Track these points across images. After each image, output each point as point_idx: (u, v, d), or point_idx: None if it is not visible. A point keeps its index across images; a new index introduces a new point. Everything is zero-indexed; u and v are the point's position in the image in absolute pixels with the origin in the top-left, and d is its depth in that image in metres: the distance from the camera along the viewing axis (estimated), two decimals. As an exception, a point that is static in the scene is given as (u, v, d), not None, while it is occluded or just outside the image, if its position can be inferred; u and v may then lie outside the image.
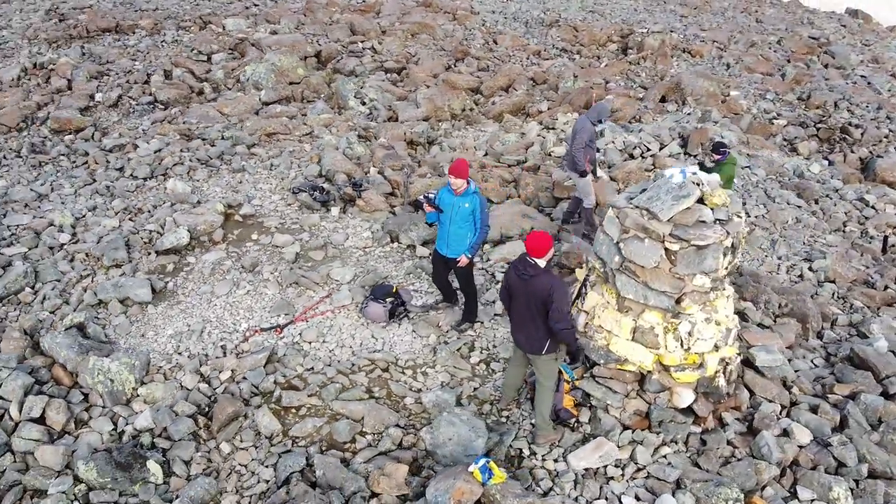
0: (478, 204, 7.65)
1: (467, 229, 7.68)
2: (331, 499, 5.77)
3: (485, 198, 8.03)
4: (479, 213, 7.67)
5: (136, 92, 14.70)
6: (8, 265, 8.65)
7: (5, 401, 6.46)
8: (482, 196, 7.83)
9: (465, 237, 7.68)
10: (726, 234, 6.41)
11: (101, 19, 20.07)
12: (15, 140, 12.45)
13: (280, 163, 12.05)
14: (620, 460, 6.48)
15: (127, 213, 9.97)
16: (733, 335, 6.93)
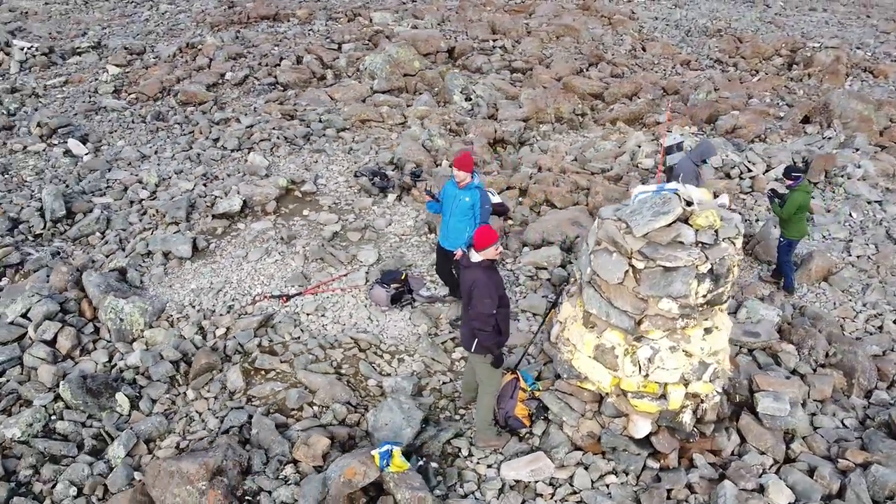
0: (478, 199, 7.59)
1: (466, 223, 7.64)
2: (251, 456, 6.09)
3: (488, 194, 7.92)
4: (479, 208, 7.60)
5: (262, 73, 16.01)
6: (89, 211, 9.93)
7: (28, 321, 7.49)
8: (485, 191, 7.74)
9: (463, 231, 7.64)
10: (704, 258, 5.84)
11: (264, 7, 22.00)
12: (147, 108, 14.13)
13: (360, 148, 12.60)
14: (557, 479, 6.18)
15: (203, 179, 10.99)
16: (712, 371, 6.29)
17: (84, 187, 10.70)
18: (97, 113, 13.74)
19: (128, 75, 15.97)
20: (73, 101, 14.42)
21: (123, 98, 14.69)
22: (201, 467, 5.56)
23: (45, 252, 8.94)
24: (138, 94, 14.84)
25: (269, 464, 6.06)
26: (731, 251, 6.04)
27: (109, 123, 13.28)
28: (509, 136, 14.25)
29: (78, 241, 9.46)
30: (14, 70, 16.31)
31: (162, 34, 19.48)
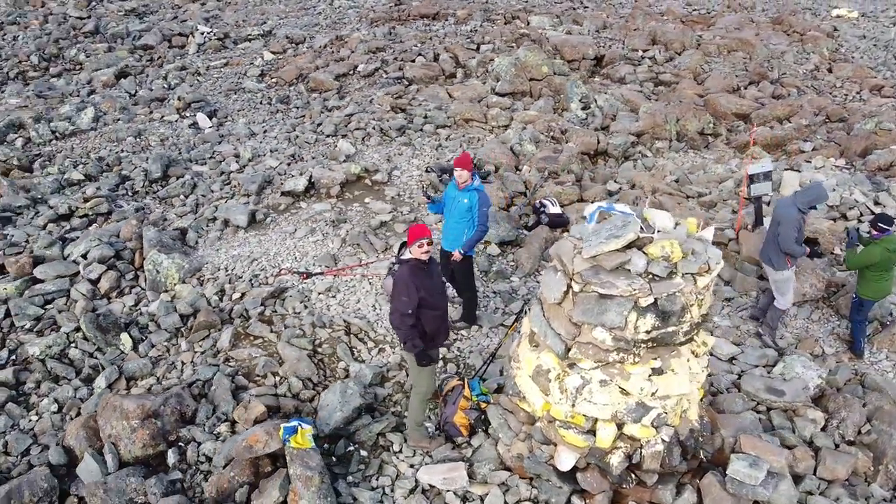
0: (476, 201, 7.50)
1: (464, 225, 7.59)
2: (198, 409, 6.63)
3: (488, 197, 7.77)
4: (477, 210, 7.50)
5: (393, 67, 16.78)
6: (182, 176, 11.19)
7: (83, 260, 8.69)
8: (485, 195, 7.61)
9: (461, 233, 7.61)
10: (647, 290, 5.35)
11: (427, 6, 22.96)
12: (279, 92, 15.48)
13: (448, 145, 12.82)
14: (471, 494, 6.01)
15: (289, 159, 11.88)
16: (655, 416, 5.73)
17: (191, 155, 12.06)
18: (235, 93, 15.31)
19: (279, 61, 17.55)
20: (224, 82, 16.19)
21: (264, 82, 16.19)
22: (138, 407, 6.18)
23: (132, 206, 10.25)
24: (278, 79, 16.28)
25: (210, 419, 6.53)
26: (687, 288, 5.45)
27: (241, 103, 14.75)
28: (613, 149, 13.64)
29: (164, 200, 10.73)
30: (192, 51, 18.65)
31: (325, 26, 21.09)
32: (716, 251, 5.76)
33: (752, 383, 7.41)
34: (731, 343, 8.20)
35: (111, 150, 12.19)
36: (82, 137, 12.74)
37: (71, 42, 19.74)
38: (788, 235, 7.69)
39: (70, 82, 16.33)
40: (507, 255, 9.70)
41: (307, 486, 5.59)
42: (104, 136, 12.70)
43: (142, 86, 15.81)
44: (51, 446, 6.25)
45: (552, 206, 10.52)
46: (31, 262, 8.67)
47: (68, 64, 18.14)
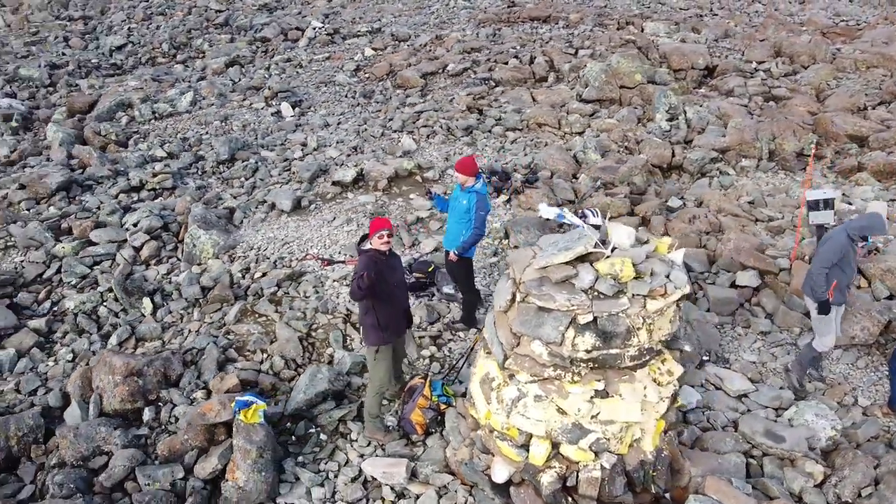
0: (473, 202, 7.44)
1: (462, 226, 7.58)
2: (183, 373, 7.11)
3: (486, 201, 7.65)
4: (474, 213, 7.45)
5: (483, 68, 16.85)
6: (247, 160, 11.92)
7: (133, 228, 9.52)
8: (483, 198, 7.53)
9: (458, 233, 7.60)
10: (587, 308, 5.13)
11: (540, 9, 22.82)
12: (367, 86, 16.03)
13: (512, 148, 12.74)
14: (407, 492, 6.04)
15: (349, 150, 12.30)
16: (594, 440, 5.46)
17: (264, 141, 12.81)
18: (326, 85, 16.04)
19: (376, 58, 18.15)
20: (320, 75, 16.99)
21: (356, 76, 16.81)
22: (124, 365, 6.73)
23: (194, 184, 11.07)
24: (370, 74, 16.86)
25: (191, 385, 6.98)
26: (633, 310, 5.15)
27: (328, 95, 15.43)
28: (689, 164, 12.92)
29: (226, 181, 11.48)
30: (302, 45, 19.71)
31: (432, 25, 21.51)
32: (681, 275, 5.40)
33: (751, 424, 6.82)
34: (746, 379, 7.57)
35: (197, 131, 13.21)
36: (177, 119, 13.89)
37: (201, 32, 21.50)
38: (824, 259, 6.87)
39: (188, 69, 17.80)
40: (533, 263, 9.47)
41: (245, 458, 5.85)
42: (195, 119, 13.77)
43: (245, 75, 16.93)
44: (53, 390, 6.94)
45: (592, 216, 10.11)
46: (93, 227, 9.61)
47: (193, 52, 19.78)
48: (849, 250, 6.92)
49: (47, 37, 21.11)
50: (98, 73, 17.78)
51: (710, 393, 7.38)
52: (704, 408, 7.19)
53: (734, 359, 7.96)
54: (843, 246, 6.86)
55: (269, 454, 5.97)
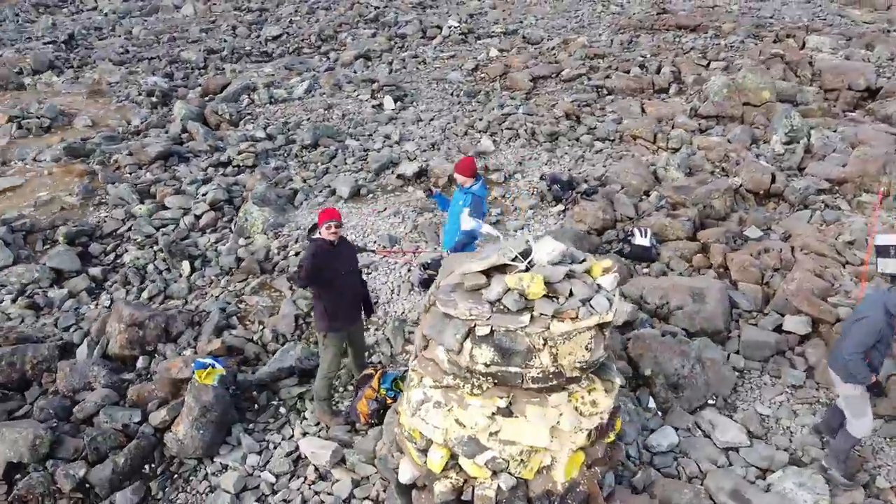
0: (468, 204, 7.38)
1: (457, 227, 7.54)
2: (183, 332, 7.78)
3: (481, 204, 7.50)
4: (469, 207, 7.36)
5: (599, 76, 16.33)
6: (328, 146, 12.59)
7: (200, 198, 10.49)
8: (478, 200, 7.40)
9: (454, 233, 7.57)
10: (485, 320, 5.01)
11: (690, 18, 21.61)
12: (476, 86, 16.17)
13: (592, 158, 12.31)
14: (329, 474, 6.22)
15: (427, 146, 12.55)
16: (490, 458, 5.27)
17: (354, 131, 13.44)
18: (438, 83, 16.40)
19: (498, 58, 18.21)
20: (438, 72, 17.40)
21: (472, 76, 17.00)
22: (129, 315, 7.52)
23: (272, 164, 11.93)
24: (485, 75, 16.98)
25: (185, 343, 7.64)
26: (534, 329, 4.92)
27: (435, 92, 15.79)
28: (791, 193, 11.67)
29: (304, 164, 12.22)
30: (435, 43, 20.26)
31: (569, 29, 21.12)
32: (603, 301, 5.04)
33: (719, 480, 6.21)
34: (744, 432, 6.82)
35: (300, 117, 14.15)
36: (289, 105, 14.96)
37: (350, 27, 22.82)
38: (858, 342, 5.72)
39: (323, 60, 19.03)
40: (560, 276, 9.14)
41: (188, 414, 6.33)
42: (303, 106, 14.76)
43: (368, 68, 17.77)
44: (80, 329, 7.92)
45: (641, 236, 9.57)
46: (172, 193, 10.73)
47: (336, 45, 21.08)
48: (886, 329, 5.72)
49: (220, 25, 23.54)
50: (247, 59, 19.56)
51: (694, 439, 6.76)
52: (680, 453, 6.60)
53: (744, 408, 7.19)
54: (881, 323, 5.68)
55: (213, 415, 6.39)
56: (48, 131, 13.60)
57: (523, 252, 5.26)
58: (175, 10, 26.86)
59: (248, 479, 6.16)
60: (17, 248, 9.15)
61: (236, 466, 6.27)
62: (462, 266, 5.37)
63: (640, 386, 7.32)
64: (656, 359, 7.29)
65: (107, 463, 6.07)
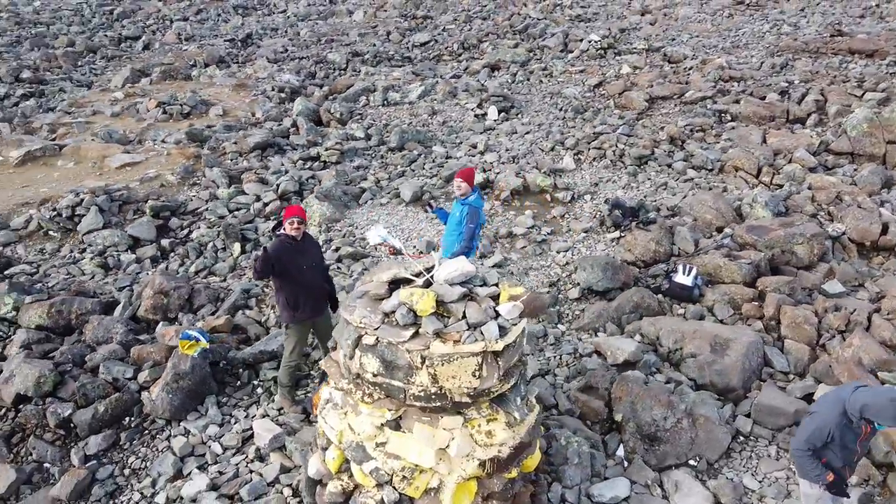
0: (465, 215, 7.36)
1: (454, 238, 7.55)
2: (204, 305, 8.53)
3: (478, 214, 7.40)
4: (464, 226, 7.36)
5: (726, 100, 15.16)
6: (412, 150, 12.96)
7: (274, 187, 11.33)
8: (475, 210, 7.36)
9: (452, 243, 7.58)
10: (371, 329, 5.10)
11: (867, 42, 19.37)
12: (589, 102, 15.72)
13: (676, 186, 11.56)
14: (267, 457, 6.55)
15: (507, 159, 12.49)
16: (374, 468, 5.30)
17: (447, 138, 13.72)
18: (552, 97, 16.19)
19: (627, 75, 17.54)
20: (558, 86, 17.16)
21: (593, 92, 16.55)
22: (159, 284, 8.41)
23: (354, 163, 12.55)
24: (605, 92, 16.46)
25: (202, 315, 8.38)
26: (413, 345, 4.91)
27: (542, 106, 15.62)
28: (907, 253, 10.15)
29: (385, 165, 12.70)
30: (572, 56, 19.94)
31: (722, 49, 19.73)
32: (494, 329, 4.87)
33: (649, 546, 5.68)
34: (711, 501, 6.15)
35: (402, 120, 14.70)
36: (398, 108, 15.59)
37: (498, 36, 23.10)
38: (804, 437, 4.90)
39: (454, 68, 19.52)
40: (583, 303, 8.76)
41: (164, 379, 6.98)
42: (410, 110, 15.30)
43: (492, 78, 17.94)
44: (130, 291, 8.97)
45: (683, 274, 8.85)
46: (256, 181, 11.70)
47: (476, 53, 21.49)
48: (843, 433, 4.81)
49: (378, 30, 24.95)
50: (387, 63, 20.58)
51: (648, 498, 6.23)
52: (626, 510, 6.12)
53: (727, 478, 6.46)
54: (831, 427, 4.80)
55: (186, 383, 6.99)
56: (186, 117, 15.36)
57: (430, 269, 5.21)
58: (348, 15, 28.88)
59: (199, 447, 6.64)
60: (109, 215, 10.50)
61: (195, 433, 6.79)
62: (381, 274, 5.42)
63: (613, 430, 6.83)
64: (633, 405, 6.77)
65: (91, 409, 6.86)
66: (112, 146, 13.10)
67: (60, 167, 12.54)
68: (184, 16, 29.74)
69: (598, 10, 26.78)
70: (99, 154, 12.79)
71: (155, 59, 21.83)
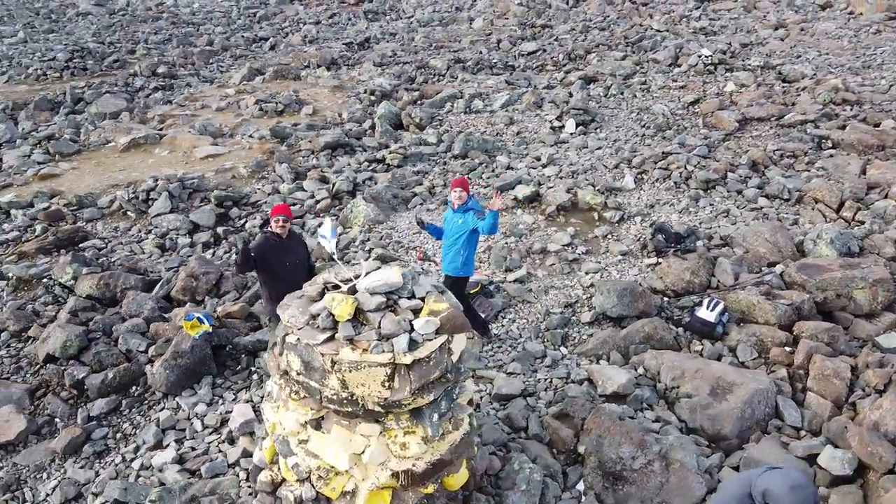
0: (471, 217, 7.38)
1: (460, 246, 7.55)
2: (229, 291, 9.12)
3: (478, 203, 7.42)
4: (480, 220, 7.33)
5: (829, 125, 13.89)
6: (473, 159, 13.01)
7: (329, 186, 11.83)
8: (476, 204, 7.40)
9: (458, 253, 7.58)
10: (296, 329, 5.32)
11: None
12: (678, 120, 14.99)
13: (739, 214, 10.82)
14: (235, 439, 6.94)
15: (567, 173, 12.24)
16: (295, 464, 5.49)
17: (516, 149, 13.67)
18: (638, 112, 15.61)
19: (734, 94, 16.50)
20: (654, 101, 16.49)
21: (687, 109, 15.77)
22: (191, 269, 9.09)
23: (417, 167, 12.82)
24: (699, 110, 15.63)
25: (225, 301, 8.96)
26: (324, 349, 5.06)
27: (625, 121, 15.10)
28: None
29: (445, 172, 12.84)
30: (677, 71, 19.05)
31: (849, 69, 18.03)
32: (403, 343, 4.91)
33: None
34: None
35: (476, 128, 14.79)
36: (478, 116, 15.68)
37: (609, 48, 22.52)
38: None
39: (550, 79, 19.28)
40: (594, 328, 8.45)
41: (165, 355, 7.57)
42: (489, 119, 15.35)
43: (584, 90, 17.52)
44: (175, 273, 9.75)
45: (707, 309, 8.29)
46: (317, 179, 12.28)
47: (581, 64, 21.09)
48: None
49: (491, 38, 25.12)
50: (489, 71, 20.69)
51: (590, 538, 5.95)
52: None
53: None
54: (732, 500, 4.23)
55: (184, 362, 7.53)
56: (280, 115, 16.34)
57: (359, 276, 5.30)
58: (469, 22, 29.30)
59: (183, 422, 7.13)
60: (178, 201, 11.46)
61: (185, 409, 7.31)
62: (329, 276, 5.58)
63: (578, 462, 6.57)
64: (600, 439, 6.49)
65: (102, 374, 7.58)
66: (203, 138, 14.24)
67: (156, 154, 13.81)
68: (317, 19, 31.51)
69: (727, 23, 25.35)
70: (190, 145, 13.95)
71: (276, 59, 23.35)
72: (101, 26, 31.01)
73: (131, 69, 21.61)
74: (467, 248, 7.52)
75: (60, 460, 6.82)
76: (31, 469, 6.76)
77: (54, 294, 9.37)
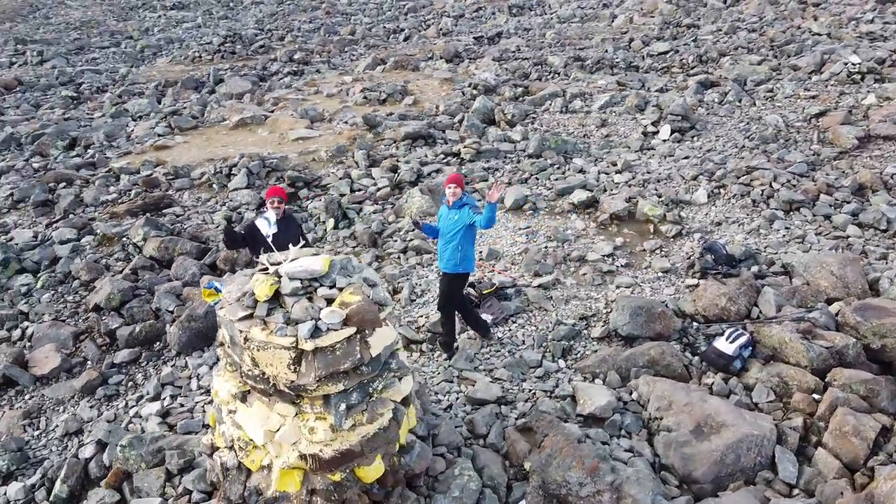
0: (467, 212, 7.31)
1: (457, 242, 7.48)
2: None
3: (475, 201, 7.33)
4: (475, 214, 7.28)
5: None
6: (545, 159, 12.70)
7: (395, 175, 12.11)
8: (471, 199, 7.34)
9: (456, 249, 7.54)
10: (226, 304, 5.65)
11: None
12: (792, 134, 13.63)
13: (814, 241, 9.74)
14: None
15: (635, 183, 11.61)
16: (223, 432, 5.83)
17: (597, 152, 13.19)
18: (749, 122, 14.38)
19: (873, 107, 14.69)
20: (767, 111, 15.12)
21: (809, 123, 14.28)
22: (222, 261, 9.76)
23: (490, 163, 12.79)
24: (821, 123, 14.09)
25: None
26: (238, 327, 5.31)
27: (731, 131, 13.99)
28: None
29: (515, 170, 12.64)
30: (815, 79, 17.25)
31: None
32: (304, 329, 5.06)
33: None
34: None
35: (566, 128, 14.42)
36: (572, 117, 15.19)
37: (750, 51, 20.82)
38: None
39: (670, 81, 18.21)
40: (601, 345, 8.03)
41: (180, 318, 8.23)
42: (581, 120, 14.88)
43: (698, 94, 16.38)
44: (220, 248, 10.51)
45: (728, 340, 7.58)
46: (389, 167, 12.61)
47: (712, 67, 19.69)
48: None
49: (623, 37, 24.13)
50: (609, 70, 19.94)
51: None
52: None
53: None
54: None
55: (196, 325, 8.18)
56: (382, 104, 16.89)
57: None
58: (610, 19, 28.34)
59: (183, 380, 7.74)
60: (255, 178, 12.28)
61: (190, 368, 7.92)
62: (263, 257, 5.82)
63: (525, 479, 6.33)
64: (550, 458, 6.22)
65: (132, 327, 8.41)
66: (301, 121, 15.09)
67: (258, 134, 14.85)
68: (461, 13, 31.96)
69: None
70: (288, 127, 14.85)
71: (406, 50, 24.07)
72: (265, 14, 33.61)
73: (273, 55, 23.24)
74: (464, 245, 7.40)
75: (78, 398, 7.65)
76: (52, 402, 7.66)
77: (127, 252, 10.44)
